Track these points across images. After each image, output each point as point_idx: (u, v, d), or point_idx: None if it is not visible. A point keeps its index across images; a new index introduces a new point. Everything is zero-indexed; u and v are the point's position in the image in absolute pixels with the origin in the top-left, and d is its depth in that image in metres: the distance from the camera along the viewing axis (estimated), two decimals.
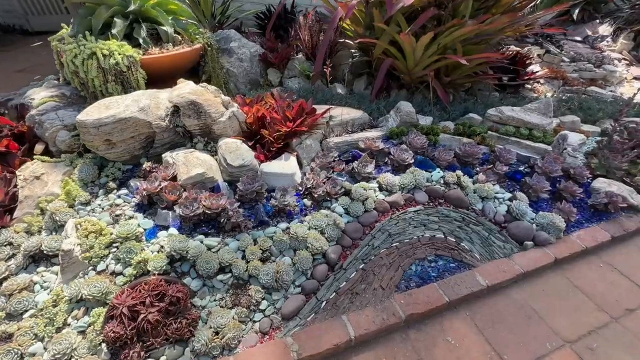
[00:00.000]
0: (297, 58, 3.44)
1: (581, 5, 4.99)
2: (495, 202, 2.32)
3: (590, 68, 4.15)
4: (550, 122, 2.81)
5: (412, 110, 2.77)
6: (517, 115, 2.83)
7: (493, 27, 2.98)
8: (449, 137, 2.78)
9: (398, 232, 2.05)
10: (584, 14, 5.03)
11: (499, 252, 2.04)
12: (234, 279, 1.72)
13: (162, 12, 2.49)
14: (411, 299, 1.75)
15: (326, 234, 1.92)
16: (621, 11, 4.85)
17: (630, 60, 4.62)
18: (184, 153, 2.17)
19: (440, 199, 2.29)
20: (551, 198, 2.45)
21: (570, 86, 4.06)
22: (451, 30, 2.84)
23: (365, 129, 2.85)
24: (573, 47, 4.58)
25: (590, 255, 2.15)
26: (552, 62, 4.19)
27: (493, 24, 2.96)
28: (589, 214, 2.40)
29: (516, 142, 2.76)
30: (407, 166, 2.42)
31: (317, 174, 2.25)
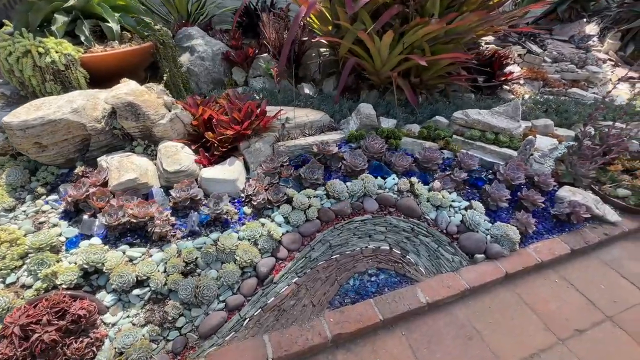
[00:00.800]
0: (262, 57, 3.31)
1: (568, 3, 4.80)
2: (451, 211, 2.19)
3: (573, 69, 3.99)
4: (517, 126, 2.67)
5: (372, 113, 2.64)
6: (484, 118, 2.69)
7: (461, 25, 2.84)
8: (411, 141, 2.64)
9: (340, 243, 1.93)
10: (571, 13, 4.84)
11: (447, 265, 1.92)
12: (152, 293, 1.61)
13: (108, 8, 2.37)
14: (342, 316, 1.63)
15: (259, 245, 1.80)
16: (609, 10, 4.67)
17: (617, 61, 4.44)
18: (119, 157, 2.06)
19: (392, 207, 2.17)
20: (512, 207, 2.32)
21: (550, 87, 3.91)
22: (415, 29, 2.70)
23: (325, 131, 2.73)
24: (557, 47, 4.41)
25: (546, 269, 2.02)
26: (533, 63, 4.03)
27: (461, 22, 2.81)
28: (551, 225, 2.26)
29: (481, 147, 2.62)
30: (360, 172, 2.30)
31: (260, 180, 2.13)
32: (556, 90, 3.85)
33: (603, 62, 4.26)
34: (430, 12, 2.88)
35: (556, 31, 4.86)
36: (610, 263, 2.09)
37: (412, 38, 2.76)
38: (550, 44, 4.48)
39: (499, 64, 3.55)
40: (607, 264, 2.08)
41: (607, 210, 2.30)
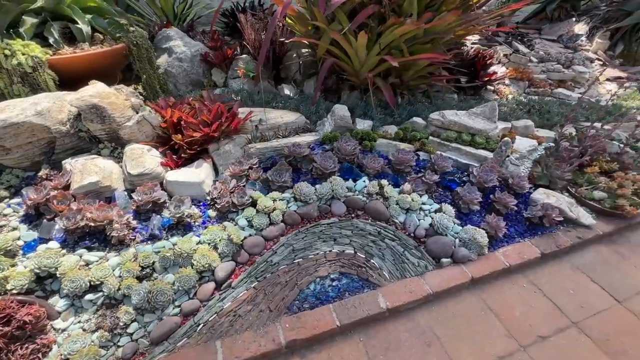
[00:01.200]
0: (241, 58, 3.28)
1: (557, 2, 4.74)
2: (421, 214, 2.15)
3: (559, 69, 3.93)
4: (494, 127, 2.62)
5: (347, 115, 2.60)
6: (460, 119, 2.65)
7: (438, 25, 2.80)
8: (386, 142, 2.61)
9: (304, 247, 1.91)
10: (560, 12, 4.78)
11: (412, 270, 1.88)
12: (105, 298, 1.59)
13: (77, 10, 2.35)
14: (299, 322, 1.60)
15: (219, 249, 1.78)
16: (598, 9, 4.61)
17: (605, 61, 4.38)
18: (84, 160, 2.04)
19: (360, 210, 2.13)
20: (485, 210, 2.28)
21: (536, 87, 3.85)
22: (391, 30, 2.67)
23: (299, 133, 2.70)
24: (545, 46, 4.35)
25: (515, 273, 1.98)
26: (519, 63, 3.97)
27: (438, 22, 2.78)
28: (524, 228, 2.22)
29: (456, 149, 2.58)
30: (330, 174, 2.26)
31: (227, 183, 2.10)
32: (541, 91, 3.80)
33: (591, 61, 4.20)
34: (408, 11, 2.84)
35: (545, 31, 4.80)
36: (582, 267, 2.05)
37: (389, 38, 2.73)
38: (538, 44, 4.42)
39: (481, 64, 3.50)
40: (579, 268, 2.04)
41: (582, 213, 2.26)
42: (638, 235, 2.31)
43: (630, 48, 4.38)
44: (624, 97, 3.83)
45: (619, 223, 2.29)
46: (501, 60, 4.04)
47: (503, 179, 2.42)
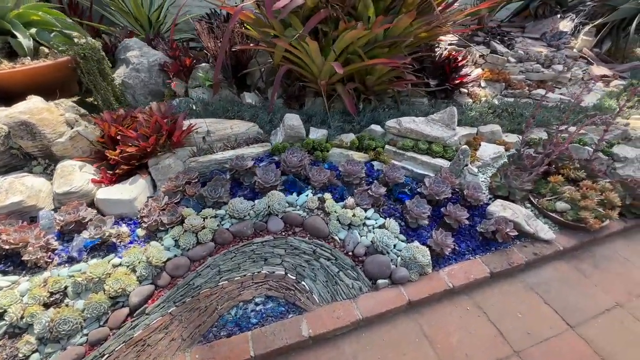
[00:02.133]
0: (201, 67, 3.20)
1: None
2: (364, 230, 2.02)
3: (538, 69, 3.72)
4: (452, 134, 2.47)
5: (297, 124, 2.49)
6: (417, 127, 2.50)
7: (396, 27, 2.66)
8: (339, 152, 2.48)
9: (231, 268, 1.80)
10: (544, 9, 4.56)
11: (345, 292, 1.75)
12: (8, 327, 1.51)
13: (17, 24, 2.31)
14: (210, 352, 1.49)
15: (138, 272, 1.68)
16: (584, 5, 4.37)
17: (591, 59, 4.15)
18: (12, 178, 1.98)
19: (299, 227, 2.01)
20: (437, 224, 2.13)
21: (513, 89, 3.66)
22: (343, 35, 2.54)
23: (250, 144, 2.59)
24: (527, 45, 4.15)
25: (460, 295, 1.83)
26: (496, 63, 3.78)
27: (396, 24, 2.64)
28: (477, 244, 2.06)
29: (412, 158, 2.44)
30: (271, 188, 2.15)
31: (159, 200, 2.01)
32: (518, 92, 3.60)
33: (575, 60, 3.98)
34: (364, 15, 2.71)
35: (529, 29, 4.58)
36: (535, 287, 1.88)
37: (342, 44, 2.60)
38: (520, 43, 4.21)
39: (450, 67, 3.34)
40: (532, 288, 1.87)
41: (540, 227, 2.08)
42: (605, 250, 2.12)
43: (618, 44, 4.13)
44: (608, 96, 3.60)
45: (584, 237, 2.11)
46: (477, 62, 3.86)
47: (460, 190, 2.27)
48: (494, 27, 4.57)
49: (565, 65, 3.79)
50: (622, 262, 2.04)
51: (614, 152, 2.55)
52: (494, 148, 2.65)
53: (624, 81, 3.89)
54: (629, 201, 2.22)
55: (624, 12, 3.88)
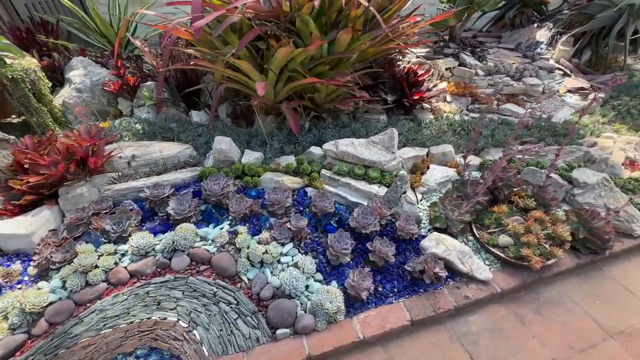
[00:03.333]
0: (146, 85, 3.09)
1: (516, 8, 4.28)
2: (277, 269, 1.83)
3: (507, 82, 3.48)
4: (390, 158, 2.25)
5: (225, 148, 2.31)
6: (354, 150, 2.30)
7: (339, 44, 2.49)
8: (269, 177, 2.30)
9: (118, 314, 1.62)
10: (521, 18, 4.32)
11: (240, 343, 1.55)
12: None
13: None
14: None
15: (10, 320, 1.53)
16: (561, 13, 4.11)
17: (569, 69, 3.88)
18: None
19: (205, 264, 1.83)
20: (363, 260, 1.92)
21: (480, 104, 3.43)
22: (276, 53, 2.38)
23: (179, 168, 2.43)
24: (501, 56, 3.91)
25: (374, 346, 1.61)
26: (463, 77, 3.56)
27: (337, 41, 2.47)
28: (406, 284, 1.83)
29: (347, 184, 2.24)
30: (185, 220, 1.98)
31: (57, 234, 1.86)
32: (485, 107, 3.37)
33: (550, 71, 3.72)
34: (305, 32, 2.55)
35: (505, 39, 4.34)
36: (462, 338, 1.64)
37: (277, 62, 2.44)
38: (493, 54, 3.98)
39: (409, 81, 3.14)
40: (459, 339, 1.64)
41: (477, 265, 1.85)
42: (552, 291, 1.87)
43: (599, 54, 3.86)
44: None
45: (528, 276, 1.86)
46: (444, 75, 3.65)
47: (392, 222, 2.05)
48: (467, 38, 4.35)
49: (538, 77, 3.54)
50: (570, 307, 1.78)
51: (573, 176, 2.29)
52: (443, 171, 2.42)
53: (603, 93, 3.61)
54: (583, 234, 1.96)
55: (602, 20, 3.62)
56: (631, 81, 3.69)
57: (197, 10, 2.25)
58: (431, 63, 3.55)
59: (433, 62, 3.57)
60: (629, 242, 2.07)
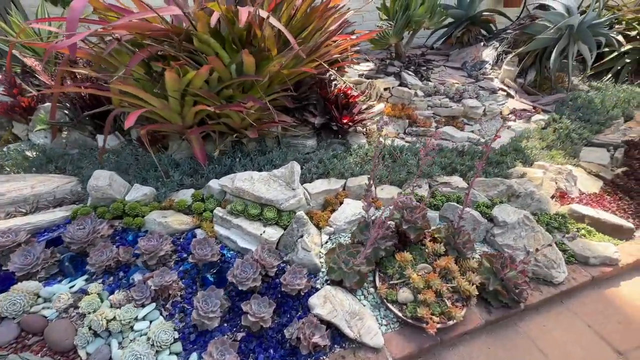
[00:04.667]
0: (44, 106, 2.76)
1: (464, 25, 4.16)
2: (128, 338, 1.51)
3: (446, 103, 3.30)
4: (289, 196, 1.98)
5: (102, 184, 1.99)
6: (249, 186, 2.02)
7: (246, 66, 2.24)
8: (153, 218, 1.98)
9: None
10: (469, 36, 4.20)
11: None
12: None
13: None
14: None
15: None
16: (506, 32, 4.01)
17: (514, 90, 3.74)
18: None
19: (38, 335, 1.50)
20: (238, 324, 1.62)
21: (418, 126, 3.23)
22: (165, 78, 2.10)
23: (56, 206, 2.11)
24: (443, 76, 3.75)
25: None
26: (402, 97, 3.36)
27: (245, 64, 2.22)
28: (285, 352, 1.54)
29: (239, 227, 1.95)
30: (29, 276, 1.65)
31: None
32: (422, 130, 3.17)
33: (493, 92, 3.57)
34: (211, 52, 2.29)
35: (452, 57, 4.20)
36: None
37: (169, 86, 2.16)
38: (438, 72, 3.82)
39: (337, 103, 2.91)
40: None
41: (367, 329, 1.57)
42: (455, 356, 1.61)
43: (544, 74, 3.75)
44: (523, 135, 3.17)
45: (427, 340, 1.59)
46: (382, 95, 3.45)
47: (277, 274, 1.77)
48: (414, 56, 4.19)
49: (479, 98, 3.38)
50: None
51: (493, 214, 2.07)
52: (357, 208, 2.17)
53: (546, 115, 3.47)
54: (493, 286, 1.72)
55: (543, 41, 3.50)
56: (576, 102, 3.57)
57: (72, 28, 1.96)
58: (369, 83, 3.34)
59: (369, 81, 3.36)
60: (548, 291, 1.85)
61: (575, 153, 2.93)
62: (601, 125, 3.26)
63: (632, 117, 3.55)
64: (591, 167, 2.75)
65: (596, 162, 2.80)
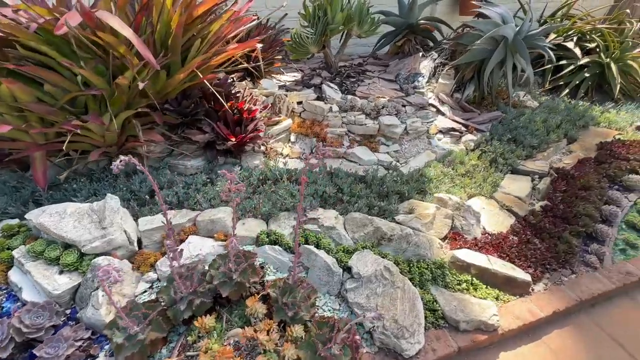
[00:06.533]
0: None
1: (402, 35, 3.81)
2: None
3: (361, 120, 2.94)
4: (96, 236, 1.63)
5: None
6: (53, 222, 1.66)
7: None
8: None
9: None
10: (409, 46, 3.84)
11: None
12: None
13: None
14: None
15: None
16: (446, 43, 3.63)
17: (449, 106, 3.36)
18: None
19: None
20: None
21: (329, 146, 2.87)
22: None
23: None
24: (372, 89, 3.39)
25: None
26: (314, 112, 3.01)
27: None
28: None
29: (27, 272, 1.61)
30: None
31: None
32: (332, 150, 2.81)
33: (422, 107, 3.20)
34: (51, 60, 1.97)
35: (390, 67, 3.84)
36: None
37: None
38: (367, 85, 3.46)
39: (226, 119, 2.57)
40: None
41: None
42: None
43: (482, 89, 3.37)
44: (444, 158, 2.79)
45: None
46: (294, 110, 3.10)
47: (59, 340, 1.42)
48: (347, 66, 3.84)
49: (399, 115, 3.01)
50: None
51: (350, 263, 1.70)
52: (198, 248, 1.81)
53: (479, 135, 3.09)
54: None
55: (478, 52, 3.13)
56: (515, 122, 3.18)
57: None
58: (276, 96, 3.00)
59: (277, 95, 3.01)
60: None
61: (494, 183, 2.54)
62: (533, 148, 2.86)
63: (575, 138, 3.15)
64: (506, 200, 2.36)
65: (514, 193, 2.41)
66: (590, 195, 2.33)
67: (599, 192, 2.37)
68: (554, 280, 1.92)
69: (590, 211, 2.21)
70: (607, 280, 1.92)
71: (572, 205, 2.27)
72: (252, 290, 1.58)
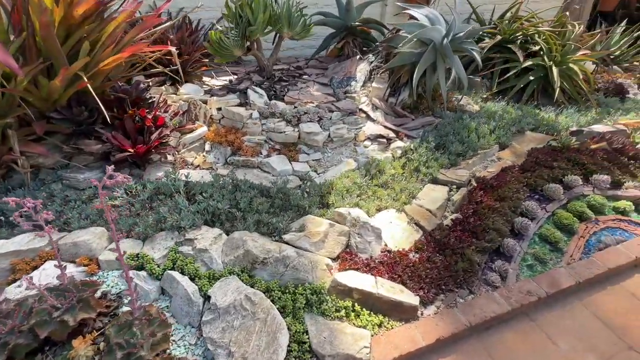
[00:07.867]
0: None
1: (341, 37, 3.66)
2: None
3: (280, 128, 2.77)
4: None
5: None
6: None
7: None
8: None
9: None
10: (348, 48, 3.69)
11: None
12: None
13: None
14: None
15: None
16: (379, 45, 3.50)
17: (382, 111, 3.22)
18: None
19: None
20: None
21: (244, 155, 2.69)
22: None
23: None
24: (303, 94, 3.22)
25: None
26: (233, 119, 2.83)
27: None
28: None
29: None
30: None
31: None
32: (244, 160, 2.63)
33: (350, 113, 3.05)
34: None
35: (329, 71, 3.69)
36: None
37: None
38: (299, 90, 3.30)
39: (125, 128, 2.38)
40: None
41: None
42: None
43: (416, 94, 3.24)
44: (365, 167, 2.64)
45: None
46: (212, 117, 2.91)
47: None
48: (284, 70, 3.68)
49: (321, 122, 2.85)
50: None
51: (209, 292, 1.53)
52: (52, 276, 1.62)
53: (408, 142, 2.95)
54: None
55: (406, 56, 3.00)
56: (446, 127, 3.05)
57: None
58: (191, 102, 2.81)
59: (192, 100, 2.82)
60: None
61: (411, 193, 2.40)
62: (459, 156, 2.74)
63: (507, 145, 3.04)
64: (416, 214, 2.22)
65: (426, 206, 2.27)
66: (503, 207, 2.20)
67: (514, 203, 2.25)
68: (447, 303, 1.78)
69: (498, 225, 2.08)
70: (504, 301, 1.79)
71: (483, 218, 2.14)
72: (86, 329, 1.40)
